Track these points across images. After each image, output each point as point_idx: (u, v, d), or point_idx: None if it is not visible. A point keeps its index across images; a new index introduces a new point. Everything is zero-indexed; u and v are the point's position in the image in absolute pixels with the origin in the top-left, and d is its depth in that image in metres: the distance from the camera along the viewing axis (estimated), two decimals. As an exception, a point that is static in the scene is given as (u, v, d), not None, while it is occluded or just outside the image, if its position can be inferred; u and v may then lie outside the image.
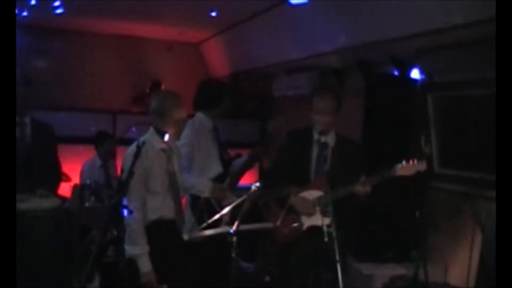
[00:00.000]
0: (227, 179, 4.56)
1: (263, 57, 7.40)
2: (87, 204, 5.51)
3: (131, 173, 3.02)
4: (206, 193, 4.18)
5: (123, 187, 2.95)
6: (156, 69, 9.16)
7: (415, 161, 3.64)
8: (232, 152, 4.83)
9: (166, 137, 3.43)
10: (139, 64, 9.17)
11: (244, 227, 3.22)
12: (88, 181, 5.77)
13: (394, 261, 4.62)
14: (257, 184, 3.21)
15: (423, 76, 4.76)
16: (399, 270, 4.46)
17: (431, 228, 4.53)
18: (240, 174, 4.78)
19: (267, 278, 5.89)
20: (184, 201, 4.22)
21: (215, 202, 4.18)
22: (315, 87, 4.36)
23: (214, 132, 4.59)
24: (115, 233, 3.24)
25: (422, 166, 3.66)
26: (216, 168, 4.47)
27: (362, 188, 3.67)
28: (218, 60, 9.04)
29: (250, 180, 7.65)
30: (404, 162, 3.64)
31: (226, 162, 4.62)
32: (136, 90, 8.97)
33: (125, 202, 3.23)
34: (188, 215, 4.17)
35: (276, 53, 6.87)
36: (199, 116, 4.52)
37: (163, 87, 8.51)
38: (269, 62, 7.31)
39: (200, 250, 3.88)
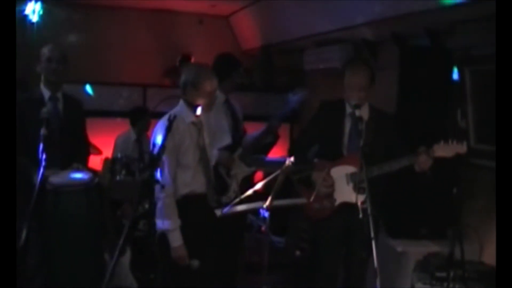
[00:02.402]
0: (238, 150, 4.53)
1: (293, 29, 7.28)
2: (118, 178, 5.53)
3: (163, 147, 2.98)
4: (212, 161, 4.11)
5: (155, 161, 2.92)
6: (186, 43, 9.12)
7: (455, 142, 3.52)
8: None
9: (199, 111, 3.38)
10: (169, 38, 9.14)
11: (277, 202, 3.16)
12: (119, 155, 5.79)
13: (429, 238, 4.54)
14: (292, 159, 3.14)
15: (460, 49, 4.62)
16: (433, 247, 4.37)
17: (467, 205, 4.43)
18: (254, 146, 4.73)
19: (298, 253, 5.88)
20: None
21: (224, 170, 4.24)
22: (347, 60, 4.24)
23: (226, 104, 4.58)
24: (147, 207, 3.23)
25: (462, 148, 3.54)
26: (225, 140, 4.44)
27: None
28: (248, 33, 8.94)
29: (281, 154, 7.65)
30: (442, 142, 3.53)
31: (238, 135, 4.61)
32: (166, 64, 8.96)
33: (157, 176, 3.21)
34: None
35: (307, 25, 6.73)
36: None
37: (193, 60, 8.47)
38: (299, 35, 7.18)
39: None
